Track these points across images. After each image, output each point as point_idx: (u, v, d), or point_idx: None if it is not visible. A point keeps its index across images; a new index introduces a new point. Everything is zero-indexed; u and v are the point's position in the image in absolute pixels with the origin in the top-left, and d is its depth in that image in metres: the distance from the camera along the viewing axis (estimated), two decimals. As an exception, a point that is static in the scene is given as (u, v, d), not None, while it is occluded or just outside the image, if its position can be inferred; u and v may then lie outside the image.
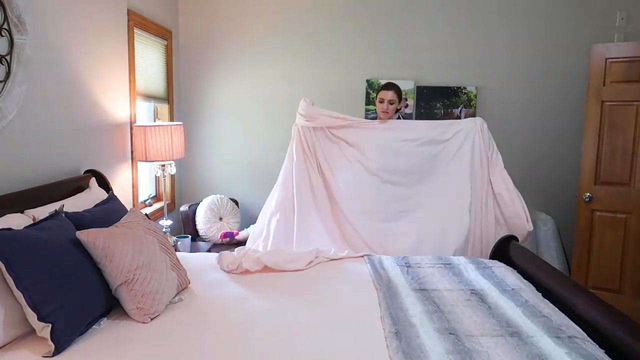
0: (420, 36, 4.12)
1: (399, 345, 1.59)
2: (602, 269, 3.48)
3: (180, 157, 3.32)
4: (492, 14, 4.07)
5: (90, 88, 2.77)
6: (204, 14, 4.18)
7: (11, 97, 2.06)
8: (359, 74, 4.18)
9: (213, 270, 2.38)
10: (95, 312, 1.72)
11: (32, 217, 1.94)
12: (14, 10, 2.05)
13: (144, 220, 2.12)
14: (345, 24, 4.14)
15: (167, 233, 3.31)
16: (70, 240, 1.75)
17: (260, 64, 4.21)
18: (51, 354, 1.50)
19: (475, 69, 4.13)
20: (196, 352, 1.57)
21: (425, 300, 2.00)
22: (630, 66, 3.27)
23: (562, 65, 4.07)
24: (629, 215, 3.35)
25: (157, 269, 1.90)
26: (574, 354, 1.53)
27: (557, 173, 4.18)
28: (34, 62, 2.22)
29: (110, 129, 3.02)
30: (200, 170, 4.35)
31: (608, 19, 3.98)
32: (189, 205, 4.00)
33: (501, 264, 2.51)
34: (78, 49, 2.63)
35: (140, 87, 3.43)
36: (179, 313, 1.87)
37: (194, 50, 4.22)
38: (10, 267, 1.52)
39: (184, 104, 4.28)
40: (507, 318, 1.82)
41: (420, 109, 4.19)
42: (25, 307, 1.53)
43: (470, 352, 1.55)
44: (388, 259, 2.56)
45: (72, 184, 2.44)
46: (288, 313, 1.89)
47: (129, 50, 3.22)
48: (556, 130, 4.16)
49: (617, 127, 3.35)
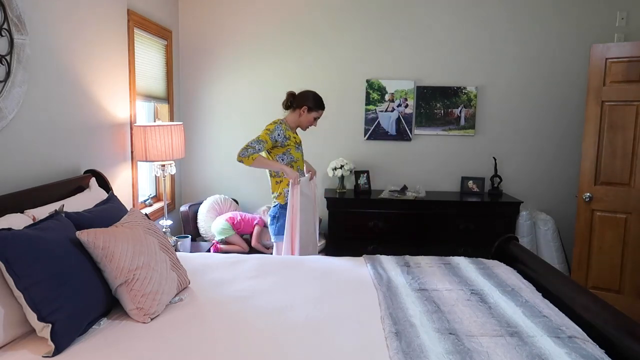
0: (420, 36, 4.13)
1: (399, 345, 1.59)
2: (602, 269, 3.48)
3: (180, 157, 3.31)
4: (493, 14, 4.07)
5: (90, 88, 2.77)
6: (204, 14, 4.18)
7: (11, 97, 2.06)
8: (359, 74, 4.18)
9: (213, 270, 2.38)
10: (95, 312, 1.72)
11: (32, 217, 1.94)
12: (14, 10, 2.05)
13: (144, 220, 2.12)
14: (345, 24, 4.14)
15: (167, 233, 3.31)
16: (70, 240, 1.74)
17: (260, 64, 4.21)
18: (51, 354, 1.50)
19: (475, 69, 4.13)
20: (196, 352, 1.57)
21: (425, 300, 2.00)
22: (630, 66, 3.27)
23: (562, 65, 4.07)
24: (629, 215, 3.35)
25: (157, 269, 1.90)
26: (574, 354, 1.53)
27: (557, 173, 4.19)
28: (34, 62, 2.23)
29: (110, 129, 3.02)
30: (200, 170, 4.35)
31: (608, 19, 3.98)
32: (189, 205, 4.00)
33: (501, 264, 2.51)
34: (78, 49, 2.63)
35: (140, 87, 3.43)
36: (179, 313, 1.87)
37: (194, 50, 4.22)
38: (10, 267, 1.52)
39: (184, 104, 4.28)
40: (507, 318, 1.82)
41: (420, 109, 4.19)
42: (25, 307, 1.53)
43: (470, 352, 1.55)
44: (388, 259, 2.56)
45: (72, 184, 2.43)
46: (288, 313, 1.89)
47: (129, 50, 3.22)
48: (556, 130, 4.16)
49: (617, 127, 3.35)
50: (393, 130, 4.22)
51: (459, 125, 4.19)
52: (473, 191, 4.15)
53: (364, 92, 4.19)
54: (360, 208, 3.92)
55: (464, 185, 4.19)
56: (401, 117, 4.21)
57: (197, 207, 4.00)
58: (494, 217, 3.88)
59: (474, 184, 4.17)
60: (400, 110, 4.20)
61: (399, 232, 3.88)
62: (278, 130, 2.87)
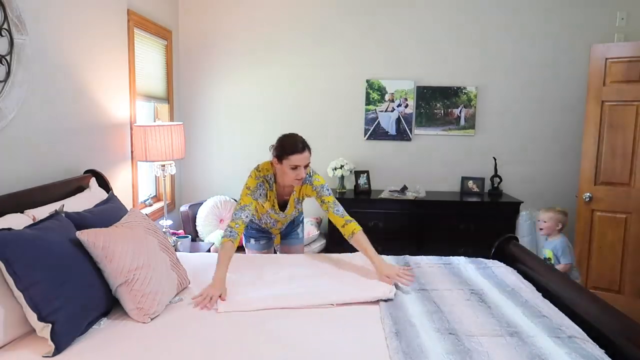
0: (420, 36, 4.13)
1: (399, 345, 1.58)
2: (602, 269, 3.48)
3: (180, 157, 3.31)
4: (493, 14, 4.07)
5: (90, 88, 2.77)
6: (204, 14, 4.18)
7: (11, 97, 2.06)
8: (359, 74, 4.18)
9: (213, 270, 2.37)
10: (95, 312, 1.72)
11: (32, 217, 1.94)
12: (14, 10, 2.05)
13: (144, 220, 2.12)
14: (345, 24, 4.14)
15: (167, 233, 3.31)
16: (70, 240, 1.74)
17: (260, 64, 4.21)
18: (51, 354, 1.50)
19: (475, 69, 4.13)
20: (196, 352, 1.57)
21: (425, 300, 2.00)
22: (630, 66, 3.27)
23: (562, 65, 4.07)
24: (629, 215, 3.35)
25: (157, 269, 1.90)
26: (574, 354, 1.53)
27: (557, 173, 4.19)
28: (34, 62, 2.23)
29: (110, 129, 3.02)
30: (200, 170, 4.35)
31: (608, 19, 3.98)
32: (189, 205, 4.00)
33: (501, 264, 2.51)
34: (78, 49, 2.63)
35: (140, 87, 3.43)
36: (179, 313, 1.87)
37: (194, 50, 4.22)
38: (10, 267, 1.52)
39: (184, 104, 4.28)
40: (507, 318, 1.82)
41: (420, 109, 4.19)
42: (25, 307, 1.53)
43: (470, 352, 1.55)
44: (388, 259, 2.55)
45: (72, 184, 2.43)
46: (288, 313, 1.89)
47: (129, 50, 3.22)
48: (556, 130, 4.16)
49: (617, 127, 3.35)
50: (393, 130, 4.23)
51: (459, 125, 4.19)
52: (473, 191, 4.15)
53: (364, 92, 4.19)
54: (360, 208, 3.91)
55: (464, 185, 4.19)
56: (401, 117, 4.21)
57: (197, 207, 4.00)
58: (493, 217, 3.88)
59: (474, 184, 4.16)
60: (400, 110, 4.20)
61: (399, 232, 3.88)
62: (260, 189, 2.40)
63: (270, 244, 2.81)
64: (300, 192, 2.49)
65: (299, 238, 2.85)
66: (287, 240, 2.82)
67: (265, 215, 2.57)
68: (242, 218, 2.30)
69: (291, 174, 2.30)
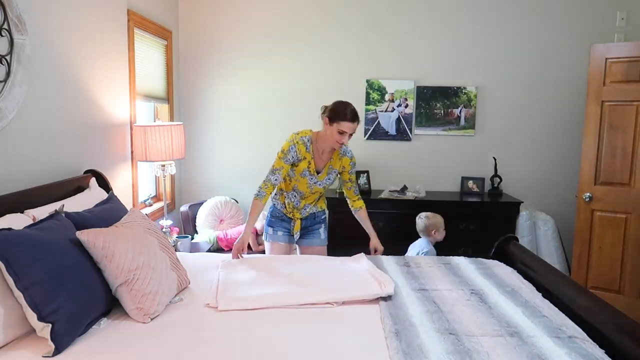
0: (420, 36, 4.13)
1: (399, 345, 1.58)
2: (602, 269, 3.48)
3: (180, 157, 3.31)
4: (493, 14, 4.07)
5: (90, 88, 2.77)
6: (204, 14, 4.18)
7: (11, 97, 2.06)
8: (359, 74, 4.18)
9: (213, 270, 2.38)
10: (95, 312, 1.72)
11: (32, 217, 1.94)
12: (14, 10, 2.05)
13: (144, 220, 2.12)
14: (345, 24, 4.14)
15: (167, 233, 3.31)
16: (70, 240, 1.74)
17: (260, 64, 4.21)
18: (51, 354, 1.50)
19: (475, 69, 4.13)
20: (196, 352, 1.57)
21: (425, 300, 2.00)
22: (630, 66, 3.27)
23: (562, 66, 4.07)
24: (628, 215, 3.35)
25: (157, 269, 1.89)
26: (574, 354, 1.53)
27: (557, 173, 4.19)
28: (34, 62, 2.23)
29: (110, 129, 3.02)
30: (200, 170, 4.35)
31: (608, 19, 3.98)
32: (189, 205, 4.00)
33: (501, 264, 2.51)
34: (78, 49, 2.63)
35: (140, 87, 3.43)
36: (179, 313, 1.87)
37: (194, 50, 4.22)
38: (10, 267, 1.52)
39: (184, 104, 4.28)
40: (507, 318, 1.82)
41: (420, 109, 4.19)
42: (25, 307, 1.53)
43: (470, 352, 1.55)
44: (388, 259, 2.56)
45: (72, 184, 2.43)
46: (288, 313, 1.88)
47: (129, 50, 3.22)
48: (556, 130, 4.16)
49: (617, 127, 3.35)
50: (393, 130, 4.23)
51: (458, 125, 4.19)
52: (473, 191, 4.15)
53: (364, 92, 4.19)
54: (360, 208, 3.91)
55: (464, 185, 4.19)
56: (401, 117, 4.21)
57: (197, 207, 4.00)
58: (493, 217, 3.88)
59: (474, 184, 4.17)
60: (400, 110, 4.20)
61: (399, 232, 3.87)
62: (292, 152, 2.56)
63: (290, 238, 2.77)
64: (337, 162, 2.69)
65: (321, 239, 2.84)
66: (308, 240, 2.81)
67: (295, 186, 2.67)
68: (271, 181, 2.56)
69: (336, 136, 2.50)
